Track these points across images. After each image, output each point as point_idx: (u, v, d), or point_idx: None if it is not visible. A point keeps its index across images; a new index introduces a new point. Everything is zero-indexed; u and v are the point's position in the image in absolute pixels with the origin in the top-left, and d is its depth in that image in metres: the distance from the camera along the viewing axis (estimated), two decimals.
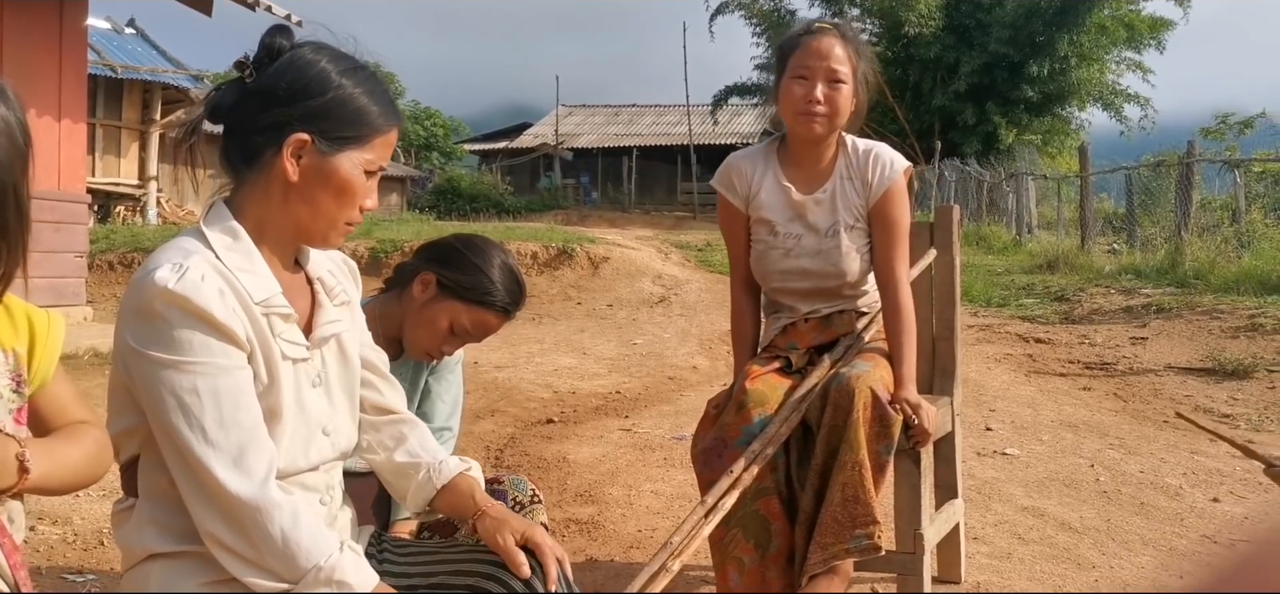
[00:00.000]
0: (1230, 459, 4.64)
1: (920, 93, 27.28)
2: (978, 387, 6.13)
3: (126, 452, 1.56)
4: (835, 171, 2.69)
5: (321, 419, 1.59)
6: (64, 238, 9.16)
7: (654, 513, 3.82)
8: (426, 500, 1.75)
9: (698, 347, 8.38)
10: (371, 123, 1.58)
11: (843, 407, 2.41)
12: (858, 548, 2.41)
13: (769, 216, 2.70)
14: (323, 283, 1.67)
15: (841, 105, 2.60)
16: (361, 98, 1.58)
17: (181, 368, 1.42)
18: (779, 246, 2.69)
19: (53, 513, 3.65)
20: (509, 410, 5.81)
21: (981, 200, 19.58)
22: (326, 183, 1.55)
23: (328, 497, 1.63)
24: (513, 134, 39.18)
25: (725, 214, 2.79)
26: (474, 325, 2.24)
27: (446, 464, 1.76)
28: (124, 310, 1.49)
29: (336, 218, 1.58)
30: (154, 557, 1.50)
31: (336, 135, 1.55)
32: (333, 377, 1.64)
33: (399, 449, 1.76)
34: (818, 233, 2.66)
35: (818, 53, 2.58)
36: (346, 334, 1.67)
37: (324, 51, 1.58)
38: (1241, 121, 20.65)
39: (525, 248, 12.92)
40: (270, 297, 1.52)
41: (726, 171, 2.77)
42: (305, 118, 1.54)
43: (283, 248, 1.60)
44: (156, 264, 1.46)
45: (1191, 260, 10.20)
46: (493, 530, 1.67)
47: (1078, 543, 3.46)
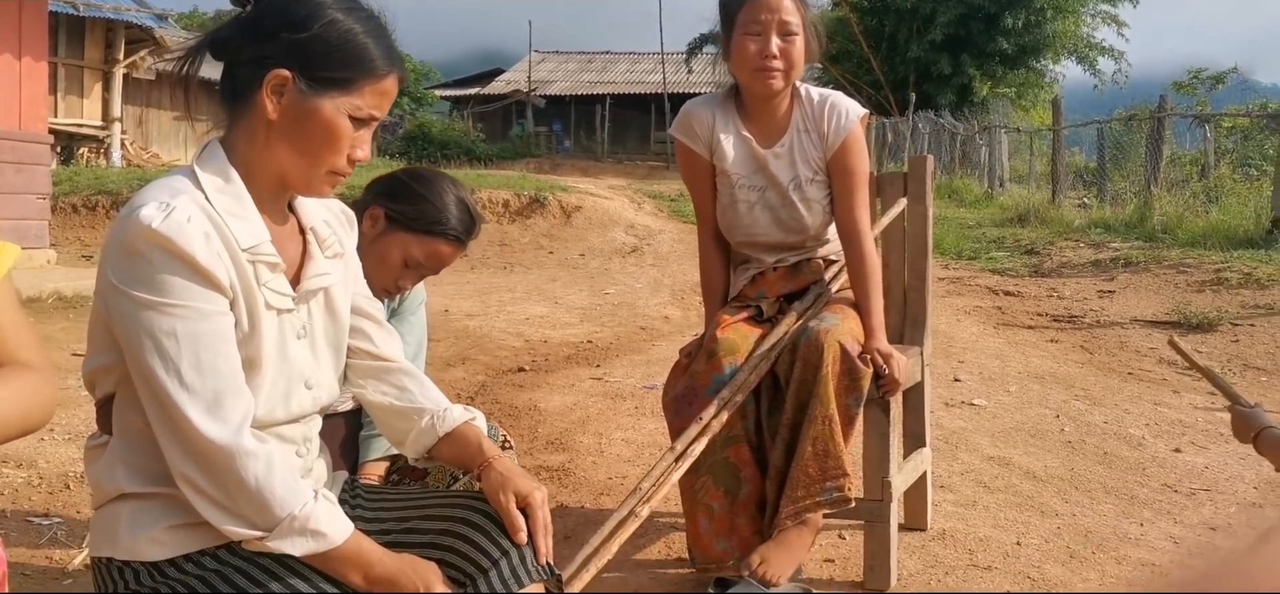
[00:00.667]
0: (1192, 410, 4.71)
1: (896, 43, 27.24)
2: (947, 338, 6.18)
3: (102, 389, 1.53)
4: (792, 124, 2.66)
5: (304, 371, 1.56)
6: (26, 179, 8.99)
7: (624, 461, 3.83)
8: (427, 447, 1.71)
9: (670, 297, 8.38)
10: (361, 66, 1.50)
11: (812, 361, 2.42)
12: (829, 500, 2.43)
13: (732, 169, 2.67)
14: (315, 233, 1.62)
15: (796, 57, 2.58)
16: (353, 37, 1.50)
17: (161, 309, 1.39)
18: (743, 200, 2.67)
19: (17, 456, 3.61)
20: (480, 358, 5.80)
21: (955, 153, 19.64)
22: (306, 126, 1.49)
23: (304, 448, 1.60)
24: (485, 80, 38.78)
25: (687, 162, 2.74)
26: (427, 256, 2.21)
27: (451, 412, 1.71)
28: (108, 245, 1.45)
29: (319, 165, 1.52)
30: (124, 496, 1.48)
31: (320, 75, 1.48)
32: (319, 329, 1.60)
33: (401, 395, 1.72)
34: (779, 186, 2.65)
35: (767, 6, 2.54)
36: (337, 287, 1.63)
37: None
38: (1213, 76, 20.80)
39: (497, 196, 12.84)
40: (258, 244, 1.48)
41: (685, 119, 2.72)
42: (288, 53, 1.48)
43: (271, 193, 1.55)
44: (144, 201, 1.42)
45: (1160, 215, 10.30)
46: (497, 486, 1.62)
47: (1042, 491, 3.51)
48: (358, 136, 1.53)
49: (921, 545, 2.97)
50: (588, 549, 2.05)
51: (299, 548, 1.44)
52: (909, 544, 2.94)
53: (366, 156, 1.56)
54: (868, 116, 2.73)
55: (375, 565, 1.49)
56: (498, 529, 1.60)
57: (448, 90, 40.29)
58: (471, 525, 1.61)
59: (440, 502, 1.68)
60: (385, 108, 1.56)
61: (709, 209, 2.75)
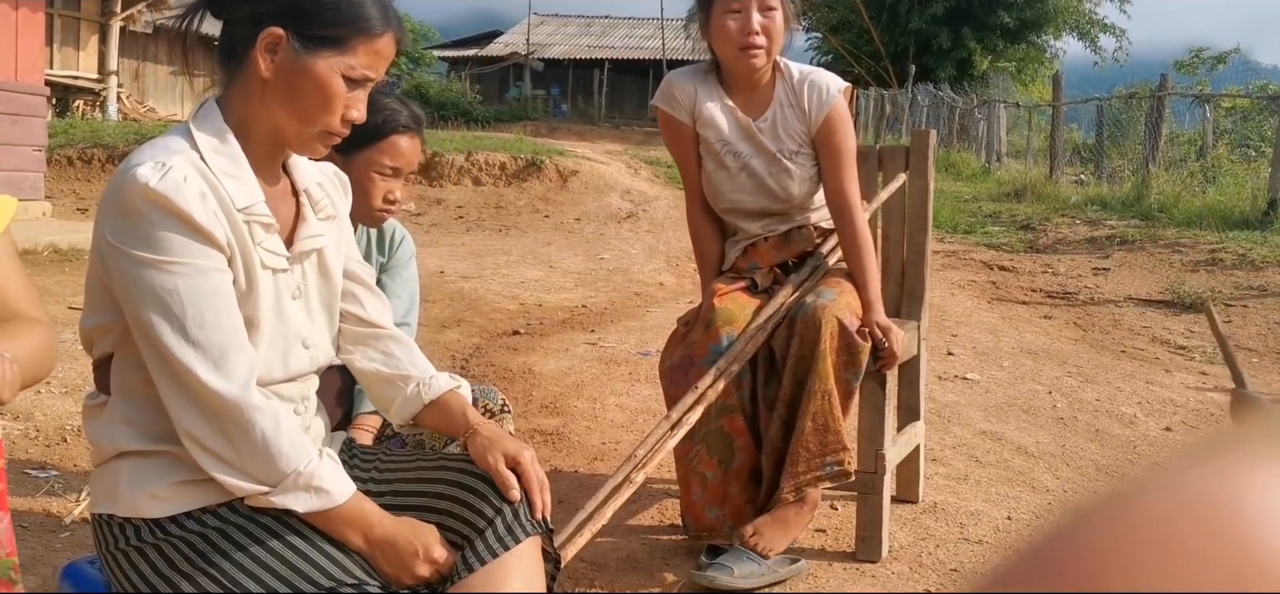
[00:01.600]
0: (1184, 390, 4.74)
1: (897, 15, 27.09)
2: (941, 312, 6.20)
3: (100, 348, 1.53)
4: (775, 97, 2.66)
5: (301, 331, 1.57)
6: (21, 130, 8.94)
7: (618, 426, 3.85)
8: (412, 415, 1.71)
9: (665, 263, 8.38)
10: (355, 24, 1.50)
11: (810, 337, 2.43)
12: (829, 474, 2.45)
13: (716, 138, 2.66)
14: (309, 195, 1.62)
15: (776, 32, 2.58)
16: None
17: (161, 267, 1.39)
18: (727, 169, 2.67)
19: (14, 408, 3.62)
20: (475, 321, 5.81)
21: (953, 127, 19.59)
22: (299, 85, 1.48)
23: (302, 406, 1.61)
24: (483, 41, 38.53)
25: (671, 132, 2.74)
26: (392, 157, 2.25)
27: (436, 381, 1.72)
28: (104, 205, 1.45)
29: (312, 124, 1.51)
30: (124, 454, 1.49)
31: (313, 33, 1.48)
32: (313, 290, 1.61)
33: (387, 362, 1.72)
34: (765, 153, 2.65)
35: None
36: (330, 249, 1.63)
37: None
38: (1215, 57, 20.72)
39: (493, 158, 12.80)
40: (252, 204, 1.48)
41: (667, 89, 2.72)
42: (281, 11, 1.47)
43: (266, 152, 1.54)
44: (139, 160, 1.42)
45: (1157, 194, 10.30)
46: (484, 450, 1.62)
47: (1033, 467, 3.54)
48: (352, 96, 1.53)
49: (913, 518, 3.00)
50: (582, 514, 2.06)
51: (302, 504, 1.45)
52: (900, 516, 2.97)
53: (361, 117, 1.55)
54: (850, 90, 2.72)
55: (375, 527, 1.50)
56: (492, 490, 1.60)
57: (445, 51, 40.01)
58: (465, 487, 1.62)
59: (434, 465, 1.69)
60: (380, 68, 1.55)
61: (696, 177, 2.74)
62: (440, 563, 1.52)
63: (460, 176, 12.60)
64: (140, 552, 1.47)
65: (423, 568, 1.51)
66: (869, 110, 23.07)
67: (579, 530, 2.02)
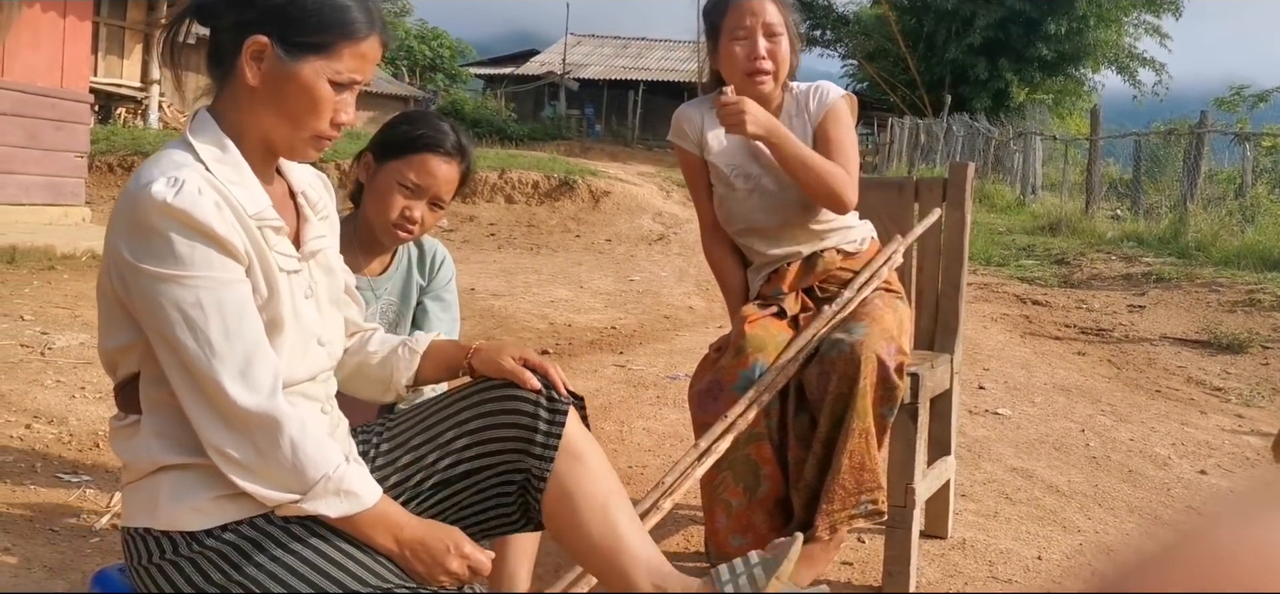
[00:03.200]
0: (1219, 432, 4.66)
1: (933, 44, 27.03)
2: (973, 345, 6.14)
3: (124, 369, 1.54)
4: (783, 114, 2.70)
5: (316, 330, 1.59)
6: (65, 136, 9.09)
7: (645, 450, 3.84)
8: (411, 373, 1.76)
9: (695, 286, 8.37)
10: (339, 29, 1.50)
11: (848, 375, 2.41)
12: (863, 513, 2.43)
13: (725, 163, 2.70)
14: (306, 197, 1.66)
15: (782, 58, 2.61)
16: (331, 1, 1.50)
17: (183, 282, 1.40)
18: (740, 189, 2.70)
19: (49, 411, 3.66)
20: (504, 339, 5.82)
21: (988, 158, 19.47)
22: (286, 92, 1.50)
23: (328, 406, 1.63)
24: (519, 60, 38.80)
25: (684, 163, 2.80)
26: (419, 175, 2.18)
27: (418, 336, 1.79)
28: (116, 224, 1.46)
29: (302, 129, 1.52)
30: (164, 468, 1.49)
31: (297, 40, 1.49)
32: (321, 288, 1.63)
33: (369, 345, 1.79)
34: (775, 171, 2.66)
35: (750, 11, 2.59)
36: (330, 247, 1.67)
37: None
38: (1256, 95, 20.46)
39: (526, 177, 12.86)
40: (262, 209, 1.50)
41: (676, 121, 2.79)
42: (266, 18, 1.49)
43: (260, 158, 1.56)
44: (150, 177, 1.42)
45: (1194, 231, 10.17)
46: (492, 358, 1.69)
47: (1064, 506, 3.49)
48: (340, 100, 1.54)
49: (941, 554, 2.96)
50: None
51: (333, 509, 1.46)
52: (929, 552, 2.93)
53: (351, 120, 1.57)
54: (853, 100, 2.74)
55: (405, 528, 1.51)
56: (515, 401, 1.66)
57: (482, 68, 40.35)
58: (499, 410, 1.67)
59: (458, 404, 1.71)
60: (367, 71, 1.56)
61: (708, 208, 2.80)
62: (472, 559, 1.53)
63: (493, 194, 12.66)
64: (176, 565, 1.47)
65: (455, 563, 1.52)
66: (903, 139, 22.98)
67: None
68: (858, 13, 31.36)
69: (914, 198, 3.07)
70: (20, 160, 8.72)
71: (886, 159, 23.32)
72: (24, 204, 8.75)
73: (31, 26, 8.70)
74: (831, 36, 31.64)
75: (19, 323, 5.12)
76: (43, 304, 5.68)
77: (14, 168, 8.68)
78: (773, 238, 2.72)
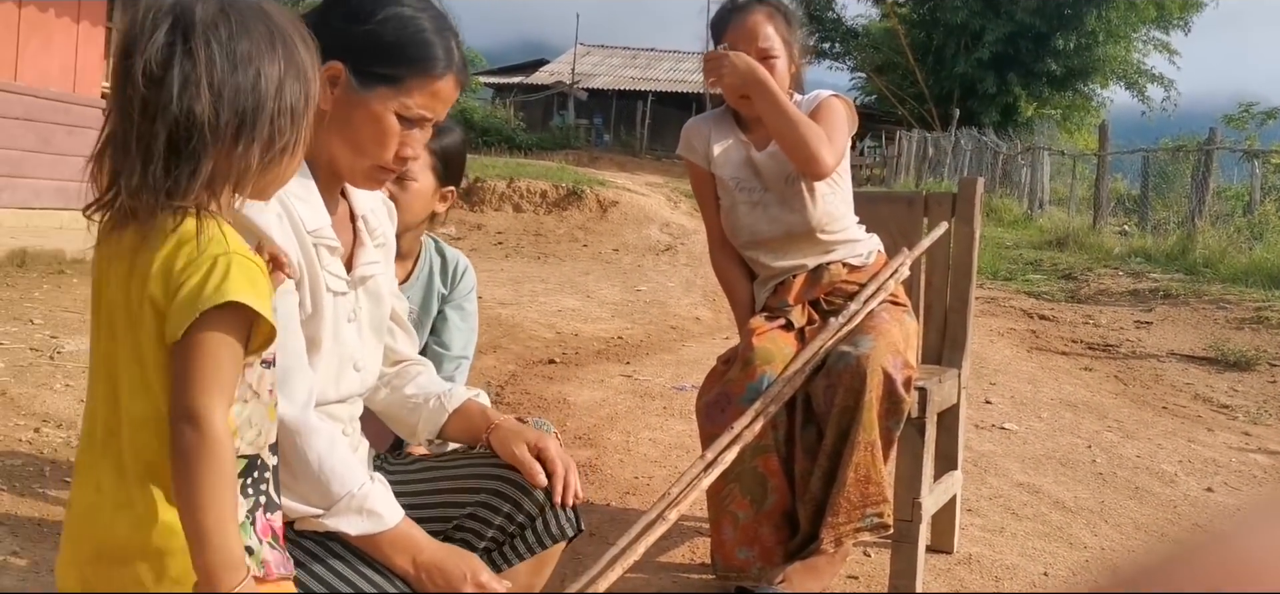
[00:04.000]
0: (1227, 450, 4.65)
1: (943, 58, 27.05)
2: (979, 359, 6.14)
3: None
4: None
5: (353, 354, 1.59)
6: (77, 141, 9.12)
7: (651, 461, 3.84)
8: (437, 427, 1.75)
9: (702, 297, 8.38)
10: (414, 65, 1.51)
11: (855, 388, 2.41)
12: (869, 526, 2.44)
13: (730, 176, 2.73)
14: (366, 221, 1.66)
15: (778, 77, 2.63)
16: (408, 35, 1.51)
17: None
18: (744, 201, 2.72)
19: (58, 416, 3.68)
20: (511, 348, 5.83)
21: (996, 172, 19.46)
22: (354, 120, 1.51)
23: (350, 428, 1.64)
24: (528, 69, 38.91)
25: (694, 176, 2.83)
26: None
27: (455, 391, 1.77)
28: None
29: (364, 158, 1.54)
30: None
31: (370, 70, 1.51)
32: (365, 315, 1.63)
33: (409, 385, 1.77)
34: (782, 183, 2.69)
35: (746, 34, 2.63)
36: (382, 275, 1.67)
37: None
38: (1265, 112, 20.44)
39: (534, 186, 12.89)
40: (320, 227, 1.51)
41: (685, 135, 2.83)
42: (344, 46, 1.50)
43: (325, 180, 1.58)
44: None
45: (1202, 248, 10.15)
46: (507, 441, 1.68)
47: (1070, 522, 3.48)
48: (408, 135, 1.54)
49: (947, 568, 2.96)
50: (614, 550, 2.05)
51: (355, 527, 1.46)
52: (934, 566, 2.93)
53: (416, 156, 1.58)
54: (848, 101, 2.76)
55: (423, 551, 1.51)
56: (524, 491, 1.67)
57: (492, 77, 40.43)
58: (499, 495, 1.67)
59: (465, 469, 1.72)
60: (440, 110, 1.55)
61: (715, 221, 2.82)
62: (488, 587, 1.54)
63: (501, 203, 12.69)
64: None
65: (470, 589, 1.52)
66: (911, 152, 22.99)
67: (610, 566, 2.02)
68: (867, 26, 31.41)
69: (924, 212, 3.07)
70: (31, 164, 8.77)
71: (894, 172, 23.32)
72: (34, 208, 8.79)
73: (44, 31, 8.75)
74: (841, 49, 31.68)
75: (29, 326, 5.14)
76: (52, 308, 5.70)
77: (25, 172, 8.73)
78: (778, 251, 2.73)
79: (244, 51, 1.17)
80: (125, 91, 1.15)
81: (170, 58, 1.14)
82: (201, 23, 1.15)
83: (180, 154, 1.15)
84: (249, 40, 1.18)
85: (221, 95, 1.15)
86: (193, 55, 1.14)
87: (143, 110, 1.14)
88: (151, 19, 1.15)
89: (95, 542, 1.19)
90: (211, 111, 1.14)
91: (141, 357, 1.18)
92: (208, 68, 1.14)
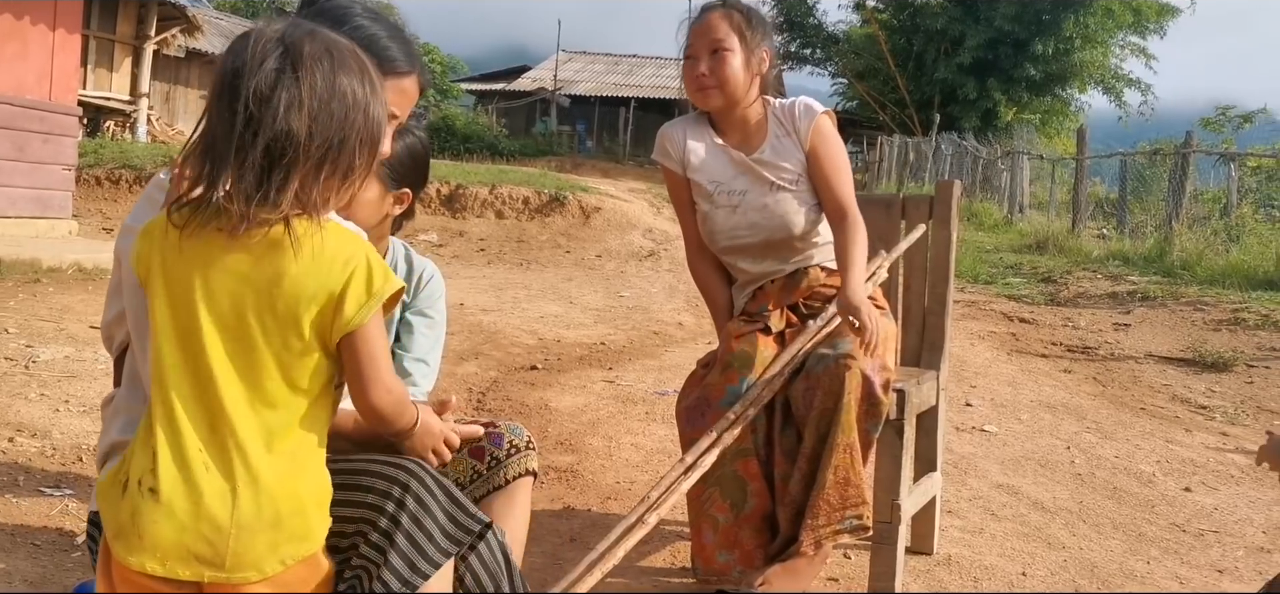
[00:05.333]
0: (1204, 450, 4.69)
1: (923, 63, 27.19)
2: (960, 362, 6.16)
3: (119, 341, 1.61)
4: (769, 131, 2.73)
5: None
6: (52, 149, 9.06)
7: (633, 466, 3.84)
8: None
9: (685, 303, 8.39)
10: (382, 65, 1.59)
11: (833, 391, 2.42)
12: (849, 528, 2.44)
13: (707, 179, 2.74)
14: None
15: (729, 74, 2.64)
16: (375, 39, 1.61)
17: None
18: (724, 206, 2.73)
19: (32, 426, 3.64)
20: (493, 354, 5.82)
21: (976, 176, 19.57)
22: None
23: None
24: (511, 76, 38.86)
25: (670, 181, 2.84)
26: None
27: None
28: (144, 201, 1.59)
29: None
30: (116, 446, 1.50)
31: None
32: None
33: None
34: (761, 188, 2.70)
35: (700, 31, 2.67)
36: None
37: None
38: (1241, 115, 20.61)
39: (517, 192, 12.87)
40: None
41: (660, 140, 2.83)
42: None
43: None
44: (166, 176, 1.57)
45: (1180, 251, 10.23)
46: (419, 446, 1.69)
47: (1049, 522, 3.50)
48: None
49: (926, 570, 2.97)
50: (594, 554, 2.05)
51: None
52: (914, 568, 2.94)
53: (387, 152, 1.63)
54: (833, 114, 2.78)
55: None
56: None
57: (473, 84, 40.39)
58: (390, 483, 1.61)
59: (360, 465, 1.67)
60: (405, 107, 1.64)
61: (692, 225, 2.82)
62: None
63: (484, 209, 12.67)
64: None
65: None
66: (893, 157, 23.09)
67: (589, 570, 2.01)
68: (848, 32, 31.52)
69: (902, 215, 3.09)
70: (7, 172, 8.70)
71: (876, 177, 23.41)
72: (10, 216, 8.72)
73: (20, 38, 8.69)
74: (822, 55, 31.79)
75: (3, 336, 5.10)
76: (28, 317, 5.65)
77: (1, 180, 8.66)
78: (756, 255, 2.74)
79: (341, 87, 1.35)
80: (231, 105, 1.30)
81: (279, 82, 1.30)
82: (309, 56, 1.33)
83: (273, 166, 1.30)
84: (346, 77, 1.36)
85: (317, 119, 1.32)
86: (299, 82, 1.31)
87: (247, 123, 1.29)
88: (263, 46, 1.32)
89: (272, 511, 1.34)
90: (307, 133, 1.31)
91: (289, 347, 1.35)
92: (309, 94, 1.31)
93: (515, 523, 2.01)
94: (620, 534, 2.10)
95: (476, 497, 2.01)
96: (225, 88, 1.32)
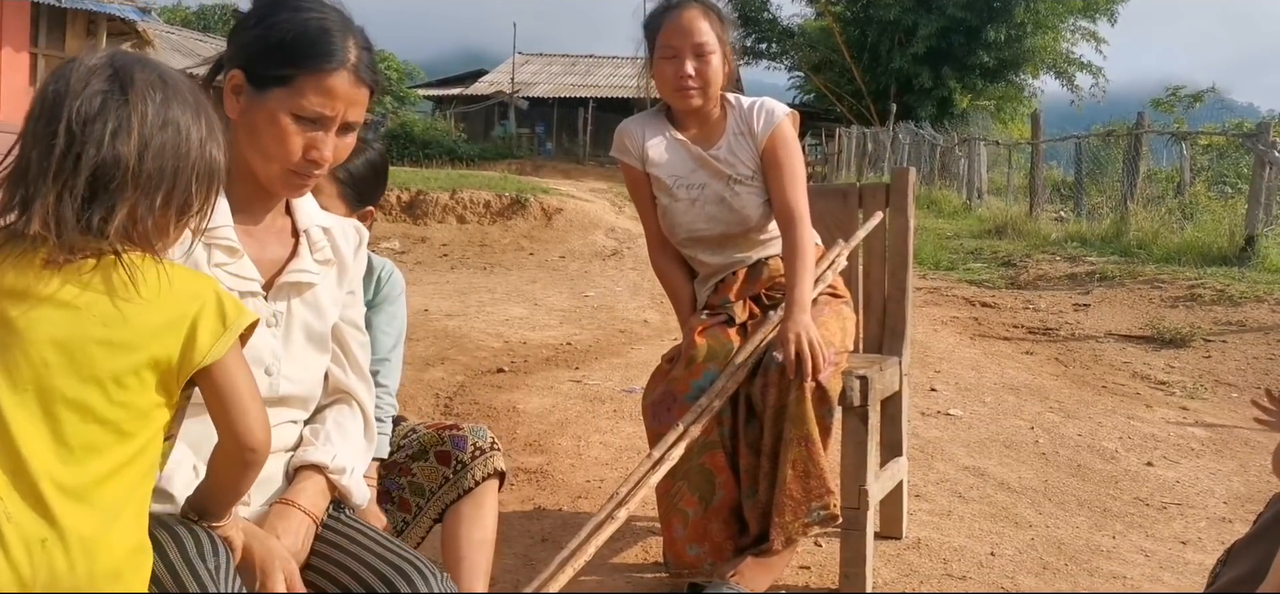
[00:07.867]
0: (1165, 425, 4.76)
1: (878, 54, 27.40)
2: (924, 348, 6.22)
3: None
4: (727, 128, 2.74)
5: (264, 358, 1.57)
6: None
7: (602, 464, 3.84)
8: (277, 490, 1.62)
9: (649, 300, 8.39)
10: (302, 63, 1.51)
11: (783, 386, 2.43)
12: (816, 520, 2.46)
13: (667, 173, 2.74)
14: (308, 235, 1.66)
15: (711, 75, 2.66)
16: (295, 35, 1.51)
17: None
18: (682, 199, 2.73)
19: None
20: (459, 359, 5.79)
21: (934, 164, 19.76)
22: (255, 124, 1.54)
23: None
24: (468, 80, 38.67)
25: (629, 177, 2.83)
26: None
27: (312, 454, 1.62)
28: None
29: (272, 163, 1.55)
30: None
31: (263, 73, 1.53)
32: (297, 325, 1.62)
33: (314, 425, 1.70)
34: (719, 181, 2.71)
35: (681, 30, 2.64)
36: (323, 289, 1.66)
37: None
38: (1191, 95, 20.97)
39: (478, 196, 12.82)
40: (218, 227, 1.52)
41: (619, 137, 2.82)
42: (246, 52, 1.55)
43: (250, 190, 1.59)
44: None
45: (1136, 230, 10.39)
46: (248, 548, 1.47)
47: (1016, 502, 3.55)
48: (312, 137, 1.54)
49: (897, 554, 2.99)
50: (565, 552, 2.05)
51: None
52: (884, 552, 2.97)
53: (327, 156, 1.55)
54: (796, 116, 2.79)
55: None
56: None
57: (430, 90, 40.13)
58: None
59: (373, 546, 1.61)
60: (335, 107, 1.53)
61: (653, 220, 2.83)
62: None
63: (445, 215, 12.61)
64: None
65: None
66: (851, 148, 23.26)
67: (561, 568, 2.01)
68: (803, 25, 31.70)
69: (858, 204, 3.11)
70: None
71: (835, 168, 23.57)
72: None
73: None
74: (778, 49, 31.95)
75: None
76: None
77: None
78: (715, 247, 2.75)
79: (173, 117, 1.28)
80: (51, 127, 1.22)
81: (106, 105, 1.23)
82: (140, 83, 1.26)
83: (98, 194, 1.22)
84: (179, 108, 1.29)
85: (148, 147, 1.24)
86: (128, 106, 1.24)
87: (68, 147, 1.21)
88: (89, 70, 1.25)
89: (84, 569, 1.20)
90: (136, 160, 1.23)
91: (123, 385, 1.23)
92: (140, 121, 1.24)
93: (484, 525, 2.00)
94: (590, 531, 2.10)
95: (444, 502, 2.00)
96: (45, 110, 1.23)
